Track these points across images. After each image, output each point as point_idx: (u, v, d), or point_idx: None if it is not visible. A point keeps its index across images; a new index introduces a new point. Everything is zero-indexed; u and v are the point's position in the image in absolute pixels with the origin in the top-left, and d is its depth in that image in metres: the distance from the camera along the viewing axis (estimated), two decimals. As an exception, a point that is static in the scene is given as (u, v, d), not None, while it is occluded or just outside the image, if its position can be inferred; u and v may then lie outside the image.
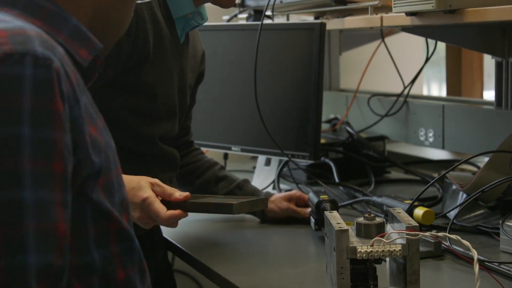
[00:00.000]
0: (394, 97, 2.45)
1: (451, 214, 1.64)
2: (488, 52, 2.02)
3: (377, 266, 1.19)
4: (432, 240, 1.44)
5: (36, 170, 0.82)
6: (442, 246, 1.45)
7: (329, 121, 2.62)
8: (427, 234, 1.19)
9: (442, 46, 3.04)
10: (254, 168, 2.24)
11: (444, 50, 3.22)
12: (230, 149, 2.15)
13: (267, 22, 2.06)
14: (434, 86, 4.05)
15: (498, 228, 1.51)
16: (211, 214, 1.66)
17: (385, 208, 1.70)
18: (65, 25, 0.95)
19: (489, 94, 3.15)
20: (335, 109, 2.74)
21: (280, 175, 2.12)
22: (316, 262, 1.47)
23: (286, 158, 2.02)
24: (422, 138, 2.33)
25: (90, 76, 1.03)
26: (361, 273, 1.17)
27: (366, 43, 2.71)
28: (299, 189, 2.01)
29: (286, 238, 1.71)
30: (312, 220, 1.67)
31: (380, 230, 1.17)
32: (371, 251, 1.11)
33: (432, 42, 2.30)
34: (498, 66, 2.06)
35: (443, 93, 3.52)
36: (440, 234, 1.20)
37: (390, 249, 1.11)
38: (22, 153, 0.81)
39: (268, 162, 2.17)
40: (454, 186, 1.73)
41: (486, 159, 1.72)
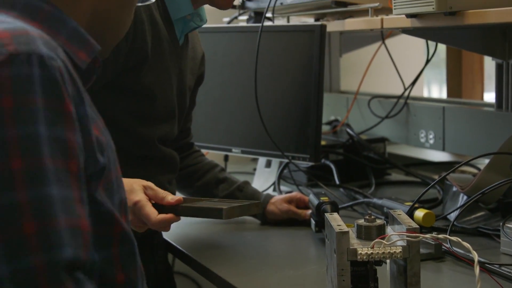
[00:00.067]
0: (394, 99, 2.45)
1: (452, 216, 1.64)
2: (488, 54, 2.02)
3: (377, 268, 1.19)
4: (432, 242, 1.44)
5: (56, 168, 0.83)
6: (442, 248, 1.45)
7: (329, 123, 2.62)
8: (428, 236, 1.19)
9: (442, 48, 3.04)
10: (255, 170, 2.24)
11: (444, 52, 3.21)
12: (230, 151, 2.15)
13: (268, 24, 2.06)
14: (435, 88, 4.06)
15: (499, 230, 1.51)
16: None
17: (385, 210, 1.70)
18: (63, 27, 0.95)
19: (489, 96, 3.15)
20: (336, 111, 2.74)
21: (280, 177, 2.13)
22: (316, 264, 1.47)
23: (286, 160, 2.02)
24: (423, 140, 2.33)
25: (89, 78, 1.03)
26: (361, 275, 1.17)
27: (366, 45, 2.71)
28: (300, 191, 2.01)
29: (286, 240, 1.71)
30: (312, 222, 1.67)
31: (380, 232, 1.17)
32: (372, 253, 1.11)
33: (432, 44, 2.30)
34: (499, 68, 2.06)
35: (444, 95, 3.52)
36: (440, 236, 1.20)
37: (391, 251, 1.11)
38: (43, 151, 0.82)
39: (268, 164, 2.17)
40: (454, 188, 1.73)
41: (486, 161, 1.72)
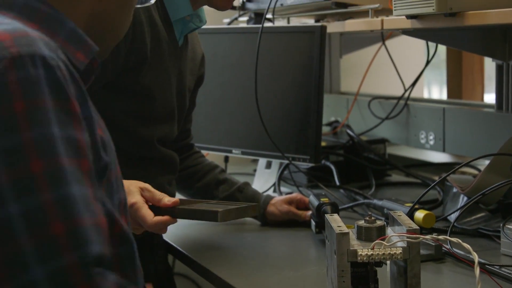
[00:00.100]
0: (394, 100, 2.45)
1: (452, 217, 1.63)
2: (488, 55, 2.02)
3: (377, 269, 1.19)
4: (432, 243, 1.44)
5: (73, 167, 0.84)
6: (442, 249, 1.45)
7: (329, 124, 2.63)
8: (428, 237, 1.19)
9: (442, 49, 3.04)
10: (255, 171, 2.24)
11: (444, 53, 3.21)
12: (230, 152, 2.15)
13: (268, 25, 2.06)
14: (435, 89, 4.06)
15: (499, 231, 1.51)
16: None
17: (385, 211, 1.70)
18: (61, 28, 0.94)
19: (489, 97, 3.15)
20: (336, 112, 2.74)
21: (280, 178, 2.12)
22: (316, 265, 1.47)
23: (286, 161, 2.02)
24: (423, 141, 2.33)
25: (87, 79, 1.03)
26: (361, 276, 1.17)
27: (366, 46, 2.71)
28: (300, 192, 2.01)
29: (286, 241, 1.71)
30: (312, 223, 1.67)
31: (380, 233, 1.17)
32: (372, 254, 1.11)
33: (432, 45, 2.30)
34: (499, 69, 2.06)
35: (444, 96, 3.52)
36: (440, 237, 1.20)
37: (391, 252, 1.11)
38: (59, 152, 0.83)
39: (268, 165, 2.17)
40: (454, 189, 1.73)
41: (486, 162, 1.72)
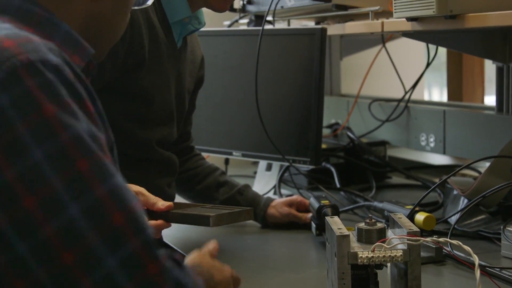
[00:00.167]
0: (395, 102, 2.45)
1: (452, 220, 1.63)
2: (489, 57, 2.02)
3: (378, 271, 1.19)
4: (433, 245, 1.44)
5: (107, 160, 0.86)
6: (443, 251, 1.45)
7: (330, 126, 2.62)
8: (428, 239, 1.19)
9: (443, 51, 3.04)
10: (255, 173, 2.24)
11: (445, 55, 3.21)
12: (231, 154, 2.15)
13: (268, 27, 2.06)
14: (435, 91, 4.06)
15: (499, 233, 1.50)
16: None
17: (386, 213, 1.70)
18: (56, 31, 0.94)
19: (490, 99, 3.15)
20: (336, 114, 2.74)
21: (281, 180, 2.12)
22: (317, 267, 1.47)
23: (287, 163, 2.02)
24: (423, 143, 2.33)
25: None
26: (362, 278, 1.17)
27: (367, 48, 2.71)
28: (300, 194, 2.01)
29: (287, 243, 1.71)
30: (313, 225, 1.67)
31: (381, 235, 1.17)
32: (372, 257, 1.11)
33: (433, 47, 2.30)
34: (499, 71, 2.06)
35: (444, 98, 3.52)
36: (441, 239, 1.20)
37: (391, 254, 1.11)
38: (94, 148, 0.85)
39: (269, 167, 2.17)
40: (455, 191, 1.73)
41: (487, 165, 1.72)
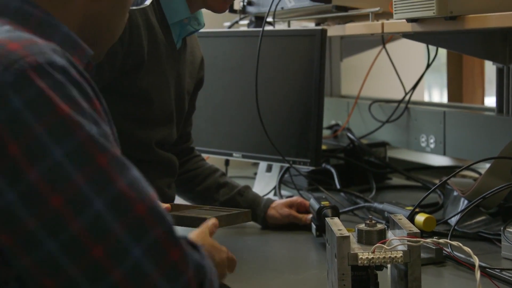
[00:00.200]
0: (395, 103, 2.45)
1: (453, 221, 1.63)
2: (489, 58, 2.02)
3: (378, 272, 1.19)
4: (433, 246, 1.44)
5: (121, 155, 0.89)
6: (443, 252, 1.45)
7: (330, 127, 2.62)
8: (429, 240, 1.20)
9: (443, 52, 3.04)
10: (255, 174, 2.24)
11: (445, 56, 3.21)
12: (231, 155, 2.15)
13: (268, 28, 2.06)
14: (435, 92, 4.06)
15: (500, 234, 1.50)
16: None
17: (386, 214, 1.70)
18: (55, 33, 0.94)
19: (490, 101, 3.15)
20: (336, 115, 2.74)
21: (281, 182, 2.12)
22: (317, 268, 1.47)
23: (287, 165, 2.02)
24: (423, 144, 2.33)
25: None
26: (362, 279, 1.17)
27: (367, 49, 2.71)
28: (300, 195, 2.01)
29: (287, 244, 1.71)
30: (313, 226, 1.67)
31: (381, 236, 1.17)
32: (373, 258, 1.11)
33: (433, 48, 2.30)
34: (499, 73, 2.06)
35: (444, 99, 3.52)
36: (441, 240, 1.20)
37: (392, 255, 1.11)
38: (107, 144, 0.87)
39: (269, 169, 2.17)
40: (455, 193, 1.73)
41: (487, 166, 1.72)
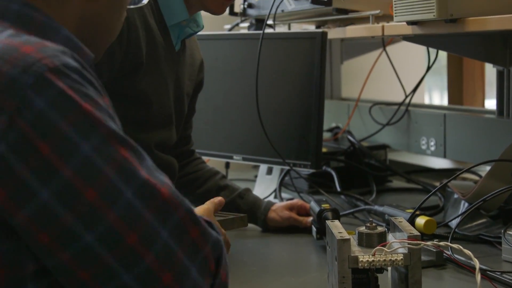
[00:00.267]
0: (395, 106, 2.45)
1: (453, 223, 1.63)
2: (489, 61, 2.02)
3: (379, 275, 1.19)
4: (434, 249, 1.44)
5: (136, 146, 0.92)
6: (444, 255, 1.44)
7: (330, 130, 2.63)
8: (429, 243, 1.19)
9: (443, 54, 3.04)
10: (256, 177, 2.24)
11: (445, 58, 3.21)
12: (231, 158, 2.15)
13: (269, 31, 2.06)
14: (436, 95, 4.06)
15: (500, 237, 1.50)
16: None
17: (386, 217, 1.70)
18: (57, 36, 0.94)
19: (490, 103, 3.15)
20: (337, 118, 2.74)
21: (281, 184, 2.12)
22: (317, 271, 1.47)
23: (287, 167, 2.02)
24: (424, 147, 2.33)
25: None
26: (363, 282, 1.17)
27: (367, 52, 2.71)
28: (301, 198, 2.01)
29: (287, 247, 1.71)
30: (313, 229, 1.67)
31: (381, 239, 1.17)
32: (373, 261, 1.11)
33: (433, 51, 2.30)
34: (500, 75, 2.06)
35: (445, 102, 3.52)
36: (442, 243, 1.20)
37: (392, 258, 1.11)
38: (126, 137, 0.90)
39: (269, 171, 2.17)
40: (456, 195, 1.73)
41: (487, 168, 1.72)
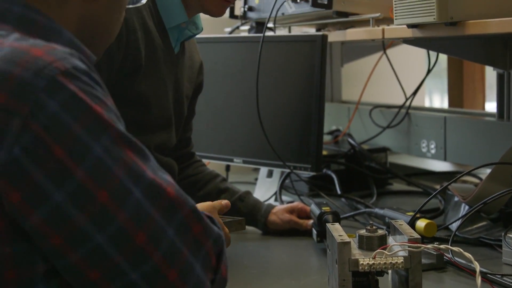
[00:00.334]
0: (396, 108, 2.45)
1: (453, 226, 1.63)
2: (489, 64, 2.02)
3: (379, 278, 1.19)
4: (434, 252, 1.44)
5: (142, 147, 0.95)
6: (444, 258, 1.44)
7: (331, 132, 2.62)
8: (429, 246, 1.19)
9: (443, 57, 3.05)
10: (256, 179, 2.24)
11: (445, 61, 3.22)
12: (232, 161, 2.15)
13: (269, 34, 2.07)
14: (436, 98, 4.05)
15: (500, 240, 1.50)
16: None
17: (387, 220, 1.70)
18: (59, 39, 0.94)
19: (490, 106, 3.15)
20: (337, 120, 2.74)
21: (282, 187, 2.12)
22: (318, 274, 1.47)
23: (288, 170, 2.02)
24: (424, 150, 2.33)
25: None
26: (363, 285, 1.17)
27: (367, 55, 2.72)
28: (301, 201, 2.01)
29: (288, 250, 1.70)
30: (314, 232, 1.67)
31: (382, 242, 1.17)
32: (373, 264, 1.11)
33: (433, 54, 2.30)
34: (500, 78, 2.06)
35: (445, 104, 3.52)
36: (442, 246, 1.20)
37: (392, 261, 1.11)
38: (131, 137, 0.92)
39: (270, 174, 2.17)
40: (456, 198, 1.73)
41: (488, 171, 1.72)
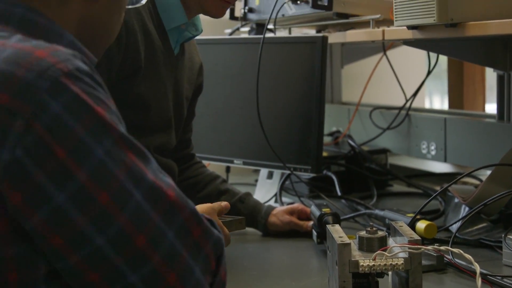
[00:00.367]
0: (396, 110, 2.45)
1: (454, 228, 1.63)
2: (489, 65, 2.02)
3: (379, 280, 1.19)
4: (434, 253, 1.44)
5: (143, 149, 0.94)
6: (444, 259, 1.44)
7: (331, 134, 2.62)
8: (430, 247, 1.20)
9: (444, 59, 3.05)
10: (256, 181, 2.24)
11: (446, 63, 3.22)
12: (232, 162, 2.15)
13: (269, 35, 2.07)
14: (436, 99, 4.06)
15: (501, 241, 1.50)
16: None
17: (387, 221, 1.70)
18: (61, 41, 0.94)
19: (491, 107, 3.16)
20: (337, 122, 2.74)
21: (282, 188, 2.12)
22: (318, 275, 1.47)
23: (288, 171, 2.02)
24: (424, 151, 2.33)
25: None
26: (363, 287, 1.17)
27: (368, 56, 2.72)
28: (301, 202, 2.01)
29: (288, 251, 1.70)
30: (314, 233, 1.67)
31: (382, 243, 1.17)
32: (374, 265, 1.11)
33: (433, 55, 2.30)
34: (500, 80, 2.06)
35: (445, 106, 3.53)
36: (442, 247, 1.20)
37: (393, 262, 1.11)
38: (132, 139, 0.91)
39: (270, 175, 2.17)
40: (456, 199, 1.73)
41: (488, 172, 1.72)
